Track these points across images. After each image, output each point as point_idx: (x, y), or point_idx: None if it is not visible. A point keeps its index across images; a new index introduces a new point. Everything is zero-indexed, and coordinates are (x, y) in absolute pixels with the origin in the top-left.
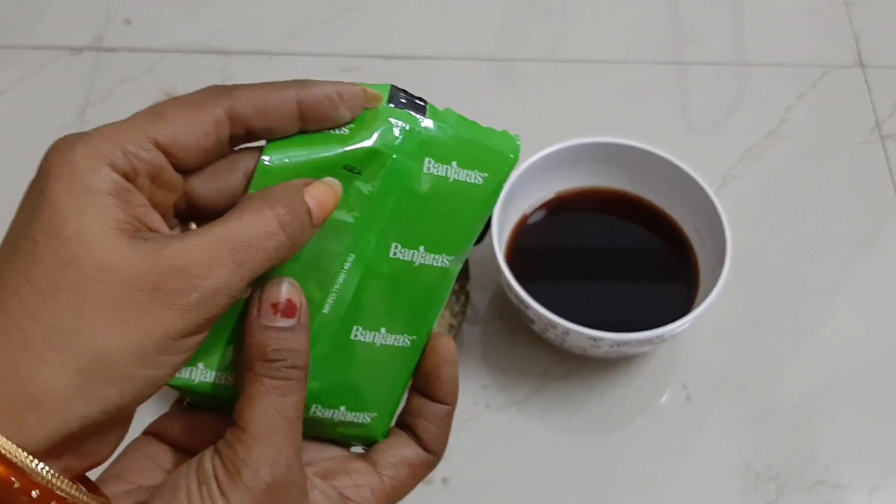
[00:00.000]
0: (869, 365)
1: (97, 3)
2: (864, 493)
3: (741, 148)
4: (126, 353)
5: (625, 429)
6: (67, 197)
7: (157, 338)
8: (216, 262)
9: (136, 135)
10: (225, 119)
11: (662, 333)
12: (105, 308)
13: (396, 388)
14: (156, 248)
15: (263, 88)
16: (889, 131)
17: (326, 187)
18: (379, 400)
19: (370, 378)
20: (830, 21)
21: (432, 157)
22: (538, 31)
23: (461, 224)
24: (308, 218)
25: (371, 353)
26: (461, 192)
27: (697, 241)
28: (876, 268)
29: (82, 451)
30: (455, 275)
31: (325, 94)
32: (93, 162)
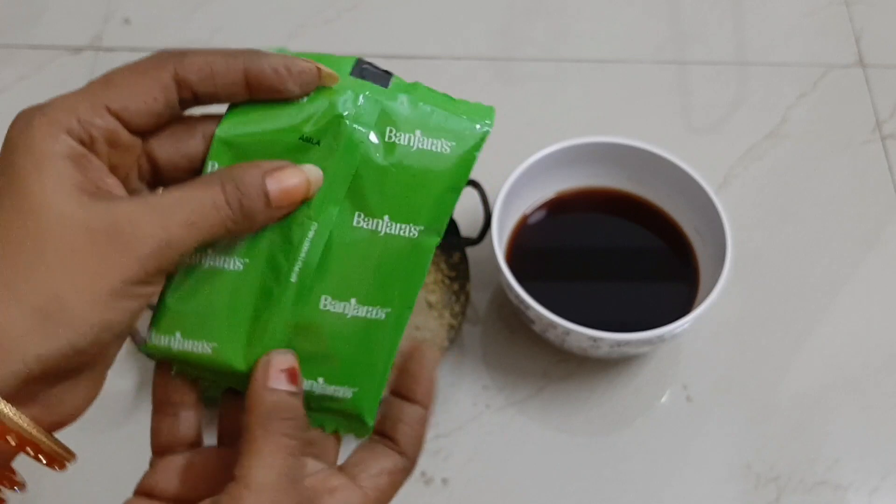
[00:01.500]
0: (870, 365)
1: (96, 2)
2: (865, 493)
3: (742, 148)
4: (81, 296)
5: (625, 429)
6: (28, 163)
7: (111, 283)
8: (169, 221)
9: (89, 103)
10: (172, 84)
11: (663, 334)
12: (62, 253)
13: (377, 364)
14: (113, 205)
15: (212, 55)
16: (889, 131)
17: (296, 173)
18: (359, 374)
19: (346, 351)
20: (831, 20)
21: (394, 126)
22: (538, 31)
23: (428, 194)
24: (263, 199)
25: (343, 324)
26: (426, 161)
27: (698, 241)
28: (877, 267)
29: (49, 403)
30: (430, 248)
31: (273, 67)
32: (50, 129)
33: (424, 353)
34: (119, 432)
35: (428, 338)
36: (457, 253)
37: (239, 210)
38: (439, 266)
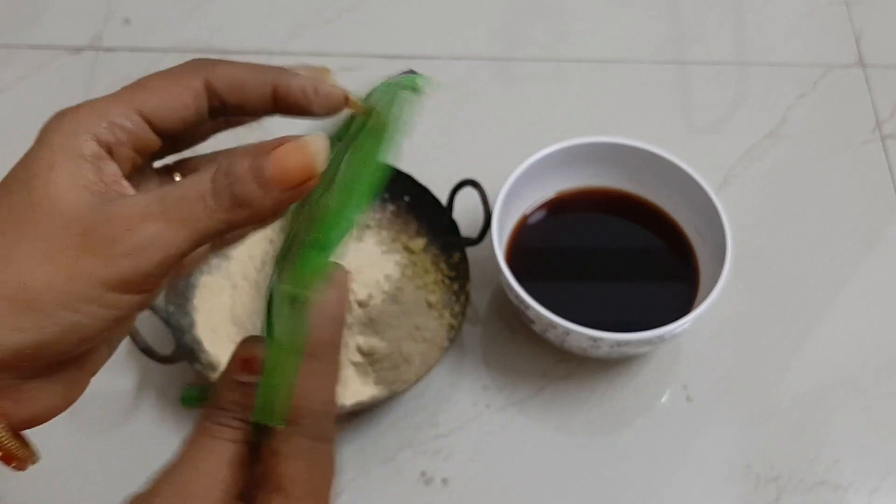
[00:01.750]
0: (870, 365)
1: (96, 2)
2: (865, 493)
3: (742, 148)
4: (50, 291)
5: (625, 429)
6: (46, 157)
7: (81, 282)
8: (147, 216)
9: (122, 107)
10: (203, 91)
11: (663, 333)
12: (40, 245)
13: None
14: (106, 203)
15: (244, 68)
16: (889, 131)
17: (293, 147)
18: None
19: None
20: (831, 20)
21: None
22: (538, 31)
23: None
24: (256, 182)
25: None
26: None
27: (698, 241)
28: (877, 267)
29: (19, 397)
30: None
31: (301, 87)
32: (76, 128)
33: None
34: (119, 432)
35: (428, 338)
36: (457, 253)
37: (230, 198)
38: (439, 266)
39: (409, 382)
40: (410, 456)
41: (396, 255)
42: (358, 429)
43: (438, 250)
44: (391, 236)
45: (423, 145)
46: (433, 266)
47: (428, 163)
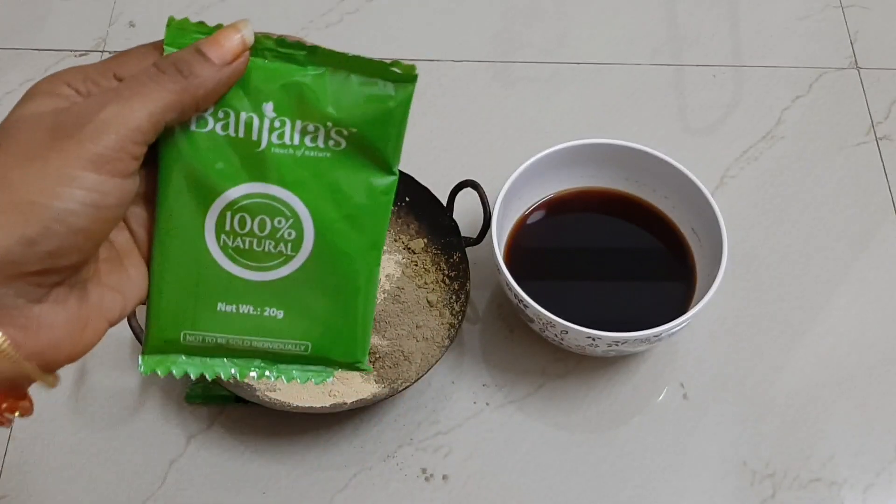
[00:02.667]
0: (864, 363)
1: (101, 5)
2: (859, 490)
3: (738, 149)
4: (26, 182)
5: (623, 427)
6: (25, 98)
7: (55, 166)
8: (104, 101)
9: (99, 68)
10: None
11: (660, 332)
12: (14, 148)
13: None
14: (75, 103)
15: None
16: (884, 133)
17: (227, 30)
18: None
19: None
20: (826, 23)
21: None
22: (537, 34)
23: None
24: (199, 56)
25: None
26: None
27: (694, 241)
28: (871, 267)
29: (28, 324)
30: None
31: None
32: (56, 78)
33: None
34: (124, 429)
35: (428, 336)
36: (457, 253)
37: (175, 71)
38: (439, 265)
39: (410, 380)
40: (411, 453)
41: (397, 255)
42: (359, 426)
43: (438, 250)
44: (392, 236)
45: (424, 146)
46: (433, 265)
47: (428, 164)
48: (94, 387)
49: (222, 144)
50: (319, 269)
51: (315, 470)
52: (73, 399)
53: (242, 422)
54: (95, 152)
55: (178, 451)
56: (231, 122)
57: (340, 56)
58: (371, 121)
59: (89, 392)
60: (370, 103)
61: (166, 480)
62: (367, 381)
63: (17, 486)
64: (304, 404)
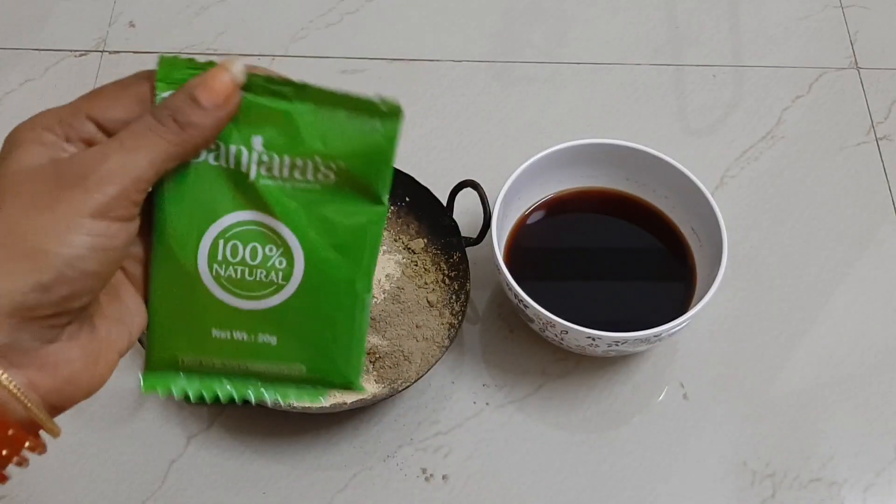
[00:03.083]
0: (864, 363)
1: (101, 6)
2: (859, 490)
3: (738, 149)
4: (38, 231)
5: (623, 427)
6: (11, 142)
7: (64, 216)
8: (108, 152)
9: (72, 110)
10: (149, 98)
11: (660, 332)
12: (20, 199)
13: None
14: (74, 155)
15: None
16: (884, 133)
17: (217, 71)
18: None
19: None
20: (826, 23)
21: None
22: (537, 34)
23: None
24: (193, 104)
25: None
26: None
27: (694, 241)
28: (871, 267)
29: (44, 363)
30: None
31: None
32: (33, 124)
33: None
34: (124, 429)
35: (428, 336)
36: (457, 253)
37: (173, 122)
38: (439, 265)
39: (410, 380)
40: (411, 453)
41: (397, 255)
42: (359, 426)
43: (439, 250)
44: (392, 236)
45: (424, 147)
46: (433, 265)
47: (428, 164)
48: None
49: (214, 174)
50: (311, 297)
51: (315, 470)
52: None
53: (242, 422)
54: (101, 202)
55: (178, 451)
56: (222, 153)
57: (328, 93)
58: (359, 155)
59: None
60: (358, 138)
61: (166, 480)
62: (367, 381)
63: (18, 485)
64: (305, 404)
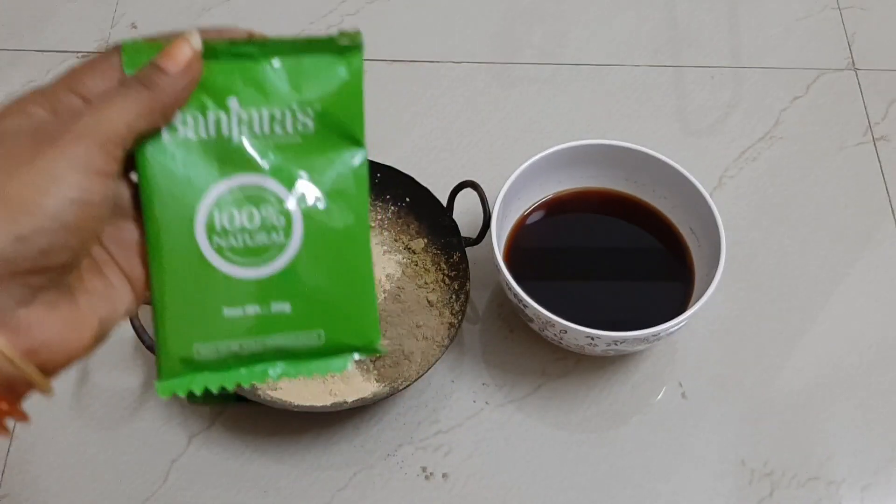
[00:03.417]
0: (863, 363)
1: (103, 7)
2: (857, 489)
3: (736, 150)
4: (15, 184)
5: (622, 426)
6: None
7: (42, 169)
8: (80, 113)
9: (55, 86)
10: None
11: (658, 332)
12: (6, 154)
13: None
14: (56, 115)
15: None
16: (882, 133)
17: (177, 42)
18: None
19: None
20: (824, 25)
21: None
22: (537, 35)
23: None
24: (157, 70)
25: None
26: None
27: (693, 242)
28: (869, 267)
29: (19, 325)
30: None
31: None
32: (17, 102)
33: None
34: (125, 429)
35: (429, 336)
36: (456, 253)
37: (140, 86)
38: (439, 265)
39: (410, 379)
40: (411, 452)
41: (398, 255)
42: (360, 425)
43: (439, 250)
44: (392, 236)
45: (424, 147)
46: (433, 265)
47: (428, 164)
48: (95, 387)
49: (196, 148)
50: (314, 251)
51: (315, 469)
52: (73, 399)
53: (243, 421)
54: (78, 154)
55: (179, 450)
56: (200, 125)
57: (289, 42)
58: (330, 95)
59: (90, 392)
60: (325, 79)
61: (167, 480)
62: (367, 381)
63: (18, 486)
64: (305, 403)
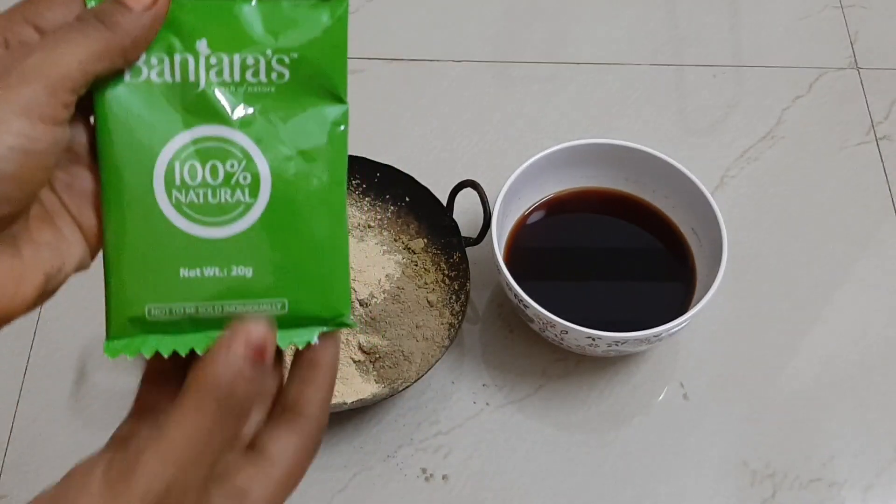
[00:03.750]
0: (864, 364)
1: None
2: (859, 490)
3: (738, 149)
4: None
5: (623, 427)
6: None
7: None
8: (33, 50)
9: (9, 14)
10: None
11: (660, 332)
12: None
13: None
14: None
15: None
16: (884, 133)
17: None
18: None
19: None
20: (826, 23)
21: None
22: (537, 34)
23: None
24: (117, 5)
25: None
26: None
27: (694, 242)
28: (871, 267)
29: None
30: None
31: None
32: None
33: (322, 346)
34: None
35: (428, 336)
36: (456, 253)
37: (98, 22)
38: (439, 265)
39: (410, 380)
40: (411, 453)
41: (397, 255)
42: (359, 426)
43: (439, 250)
44: (392, 236)
45: (424, 146)
46: (433, 265)
47: (428, 164)
48: (95, 387)
49: (159, 92)
50: (282, 214)
51: (315, 470)
52: (73, 399)
53: None
54: (24, 97)
55: None
56: (166, 68)
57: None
58: (310, 43)
59: (89, 392)
60: (306, 25)
61: None
62: (367, 382)
63: (18, 486)
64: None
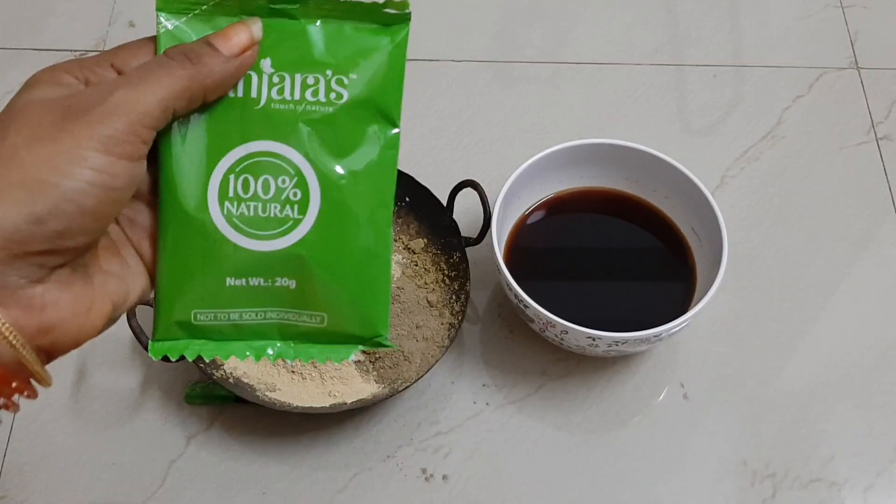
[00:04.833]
0: (864, 364)
1: (101, 5)
2: (859, 490)
3: (738, 149)
4: (37, 162)
5: (623, 427)
6: (26, 86)
7: (65, 146)
8: (114, 86)
9: (96, 58)
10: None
11: (660, 332)
12: (23, 129)
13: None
14: (83, 89)
15: None
16: (884, 133)
17: (236, 26)
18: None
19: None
20: (826, 23)
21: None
22: (537, 34)
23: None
24: (207, 47)
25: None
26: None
27: (695, 241)
28: (871, 267)
29: (32, 304)
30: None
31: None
32: (53, 69)
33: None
34: (124, 429)
35: (428, 336)
36: (457, 253)
37: (185, 59)
38: (439, 265)
39: (410, 380)
40: (411, 453)
41: (397, 255)
42: (359, 426)
43: (439, 250)
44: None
45: (424, 146)
46: (433, 265)
47: (428, 164)
48: (94, 387)
49: (222, 106)
50: (329, 232)
51: (315, 470)
52: (73, 399)
53: (242, 422)
54: (106, 134)
55: (178, 451)
56: None
57: (332, 4)
58: (369, 66)
59: (89, 392)
60: (366, 47)
61: (166, 481)
62: (366, 382)
63: (17, 486)
64: (304, 404)
